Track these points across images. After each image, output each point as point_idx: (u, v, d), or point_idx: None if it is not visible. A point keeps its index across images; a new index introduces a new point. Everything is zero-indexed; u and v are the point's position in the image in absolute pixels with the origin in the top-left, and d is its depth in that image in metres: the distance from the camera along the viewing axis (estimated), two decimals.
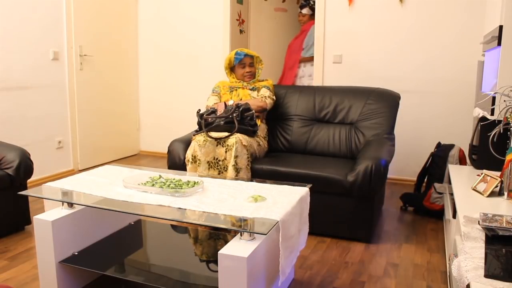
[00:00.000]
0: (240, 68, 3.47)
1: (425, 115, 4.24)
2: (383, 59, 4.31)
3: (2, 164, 2.92)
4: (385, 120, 3.36)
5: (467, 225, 1.85)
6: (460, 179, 2.66)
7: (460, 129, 4.12)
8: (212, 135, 3.00)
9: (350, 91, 3.57)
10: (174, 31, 5.09)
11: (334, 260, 2.66)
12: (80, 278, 2.23)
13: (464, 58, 4.04)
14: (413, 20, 4.16)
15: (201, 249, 2.32)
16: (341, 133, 3.44)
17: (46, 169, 4.27)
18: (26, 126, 4.06)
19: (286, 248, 1.93)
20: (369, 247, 2.85)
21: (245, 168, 2.97)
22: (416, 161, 4.18)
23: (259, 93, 3.43)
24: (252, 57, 3.45)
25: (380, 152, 2.94)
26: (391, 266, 2.59)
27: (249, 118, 3.10)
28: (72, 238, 2.16)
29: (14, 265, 2.55)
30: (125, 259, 2.18)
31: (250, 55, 3.44)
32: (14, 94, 3.94)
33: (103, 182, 2.29)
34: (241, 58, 3.44)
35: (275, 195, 2.10)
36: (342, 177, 2.85)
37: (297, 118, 3.59)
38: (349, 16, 4.38)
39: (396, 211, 3.55)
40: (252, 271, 1.73)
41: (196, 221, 1.86)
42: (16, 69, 3.93)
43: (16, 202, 2.96)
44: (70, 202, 2.15)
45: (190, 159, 3.02)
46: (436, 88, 4.17)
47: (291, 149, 3.56)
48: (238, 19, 5.13)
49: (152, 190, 2.10)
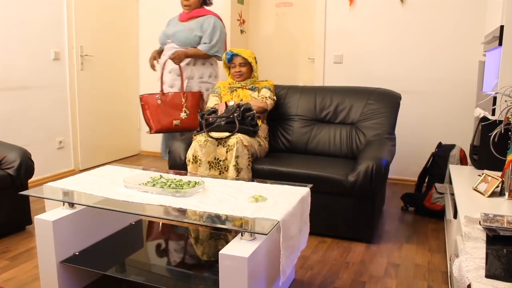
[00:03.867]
0: (232, 68, 3.50)
1: (426, 115, 4.24)
2: (384, 59, 4.32)
3: (3, 164, 2.92)
4: (386, 120, 3.36)
5: (468, 225, 1.85)
6: (461, 179, 2.66)
7: (461, 129, 4.12)
8: (213, 135, 3.00)
9: (351, 91, 3.57)
10: None
11: (335, 260, 2.66)
12: (81, 278, 2.23)
13: (465, 58, 4.04)
14: (414, 20, 4.16)
15: (202, 249, 2.32)
16: (342, 133, 3.44)
17: (47, 169, 4.27)
18: (27, 126, 4.06)
19: (287, 248, 1.92)
20: (370, 247, 2.85)
21: (246, 168, 2.97)
22: (417, 161, 4.18)
23: (260, 94, 3.43)
24: (244, 57, 3.44)
25: (381, 152, 2.94)
26: (392, 266, 2.59)
27: (250, 118, 3.10)
28: (73, 238, 2.16)
29: (15, 265, 2.55)
30: (126, 259, 2.18)
31: (240, 55, 3.44)
32: (15, 94, 3.94)
33: (104, 182, 2.29)
34: (229, 58, 3.49)
35: (276, 195, 2.10)
36: (343, 177, 2.85)
37: (298, 118, 3.59)
38: (350, 16, 4.38)
39: (397, 211, 3.55)
40: (253, 271, 1.73)
41: (197, 221, 1.86)
42: (17, 69, 3.93)
43: (17, 202, 2.96)
44: (71, 202, 2.15)
45: (191, 159, 3.02)
46: (437, 88, 4.17)
47: (292, 149, 3.56)
48: (239, 19, 5.13)
49: (153, 190, 2.11)
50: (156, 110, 3.66)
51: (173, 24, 3.89)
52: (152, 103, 3.68)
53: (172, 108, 3.66)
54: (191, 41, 3.77)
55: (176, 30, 3.79)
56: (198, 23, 3.78)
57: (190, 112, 3.65)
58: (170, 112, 3.66)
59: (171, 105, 3.67)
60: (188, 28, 3.76)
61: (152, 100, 3.69)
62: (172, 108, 3.66)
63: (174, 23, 3.90)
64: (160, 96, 3.69)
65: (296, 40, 5.26)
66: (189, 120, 3.66)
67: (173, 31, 3.81)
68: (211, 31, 3.76)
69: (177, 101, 3.67)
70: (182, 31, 3.77)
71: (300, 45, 5.23)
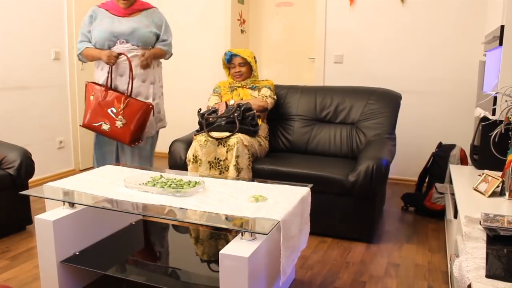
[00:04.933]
0: (231, 68, 3.49)
1: (426, 115, 4.24)
2: (384, 59, 4.31)
3: (3, 164, 2.92)
4: (386, 120, 3.36)
5: (469, 225, 1.85)
6: (461, 179, 2.66)
7: (461, 129, 4.12)
8: (213, 135, 3.00)
9: (351, 91, 3.57)
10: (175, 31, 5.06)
11: (335, 260, 2.66)
12: (81, 278, 2.23)
13: (465, 58, 4.04)
14: (414, 20, 4.16)
15: (202, 249, 2.32)
16: (342, 133, 3.44)
17: (47, 169, 4.27)
18: (27, 126, 4.06)
19: (287, 248, 1.93)
20: (370, 247, 2.85)
21: (246, 168, 2.97)
22: (417, 161, 4.18)
23: (260, 93, 3.43)
24: (243, 57, 3.44)
25: (381, 152, 2.94)
26: (392, 266, 2.59)
27: (250, 118, 3.10)
28: (73, 237, 2.16)
29: (15, 264, 2.55)
30: (127, 259, 2.18)
31: (239, 55, 3.44)
32: (16, 94, 3.94)
33: (104, 182, 2.29)
34: (228, 58, 3.49)
35: (276, 195, 2.10)
36: (343, 177, 2.85)
37: (298, 118, 3.59)
38: (350, 16, 4.38)
39: (397, 211, 3.55)
40: (253, 271, 1.73)
41: (197, 221, 1.86)
42: (17, 69, 3.93)
43: (17, 202, 2.96)
44: (71, 202, 2.15)
45: (191, 159, 3.02)
46: (437, 88, 4.17)
47: (292, 149, 3.56)
48: (239, 19, 5.13)
49: (153, 190, 2.11)
50: (96, 103, 3.09)
51: (111, 20, 3.14)
52: (97, 95, 3.10)
53: (109, 110, 3.08)
54: (151, 40, 3.21)
55: (130, 26, 3.12)
56: (148, 18, 3.21)
57: (126, 122, 3.03)
58: (106, 114, 3.08)
59: (110, 106, 3.08)
60: (144, 25, 3.16)
61: (97, 91, 3.11)
62: (108, 110, 3.08)
63: (111, 19, 3.15)
64: (104, 90, 3.10)
65: (296, 40, 5.26)
66: (120, 131, 3.05)
67: (127, 29, 3.11)
68: (165, 27, 3.31)
69: (117, 104, 3.07)
70: (139, 28, 3.14)
71: (300, 45, 5.23)
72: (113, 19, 3.15)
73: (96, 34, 3.14)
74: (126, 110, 3.04)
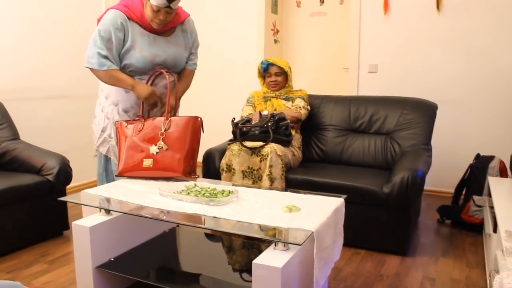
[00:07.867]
0: (267, 77, 3.49)
1: (463, 125, 4.14)
2: (419, 68, 4.24)
3: (43, 170, 3.01)
4: (421, 131, 3.30)
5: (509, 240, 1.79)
6: (500, 192, 2.58)
7: (500, 140, 4.00)
8: (247, 144, 3.01)
9: (386, 100, 3.53)
10: (209, 40, 5.14)
11: (369, 272, 2.61)
12: (115, 284, 2.27)
13: (505, 65, 3.93)
14: (451, 28, 4.08)
15: (234, 258, 2.32)
16: (377, 143, 3.40)
17: (84, 176, 4.38)
18: (66, 134, 4.18)
19: (321, 259, 1.91)
20: (405, 260, 2.80)
21: (280, 178, 2.96)
22: (454, 172, 4.08)
23: (294, 103, 3.42)
24: (280, 66, 3.44)
25: (416, 163, 2.89)
26: (428, 280, 2.53)
27: (284, 127, 3.10)
28: (108, 244, 2.20)
29: (53, 268, 2.62)
30: (160, 266, 2.21)
31: (276, 65, 3.44)
32: (55, 103, 4.07)
33: (140, 189, 2.33)
34: (265, 67, 3.48)
35: (309, 206, 2.09)
36: (377, 188, 2.81)
37: (332, 128, 3.57)
38: (384, 24, 4.34)
39: (433, 224, 3.46)
40: (286, 281, 1.72)
41: (230, 230, 1.86)
42: (57, 79, 4.07)
43: (55, 208, 3.04)
44: (107, 209, 2.19)
45: (224, 168, 3.03)
46: (475, 98, 4.07)
47: (326, 159, 3.53)
48: (273, 29, 5.16)
49: (187, 198, 2.12)
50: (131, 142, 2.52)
51: (147, 41, 2.59)
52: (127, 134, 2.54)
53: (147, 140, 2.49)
54: (182, 62, 2.79)
55: (171, 55, 2.67)
56: (184, 34, 2.75)
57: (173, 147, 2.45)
58: (142, 147, 2.49)
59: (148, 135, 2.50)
60: (181, 46, 2.74)
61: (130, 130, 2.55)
62: (147, 140, 2.49)
63: (146, 38, 2.59)
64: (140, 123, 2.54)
65: (330, 50, 5.24)
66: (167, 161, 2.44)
67: (168, 57, 2.66)
68: (196, 41, 2.85)
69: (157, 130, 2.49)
70: (180, 53, 2.72)
71: (334, 54, 5.21)
72: (149, 38, 2.60)
73: (133, 62, 2.57)
74: (169, 134, 2.47)
